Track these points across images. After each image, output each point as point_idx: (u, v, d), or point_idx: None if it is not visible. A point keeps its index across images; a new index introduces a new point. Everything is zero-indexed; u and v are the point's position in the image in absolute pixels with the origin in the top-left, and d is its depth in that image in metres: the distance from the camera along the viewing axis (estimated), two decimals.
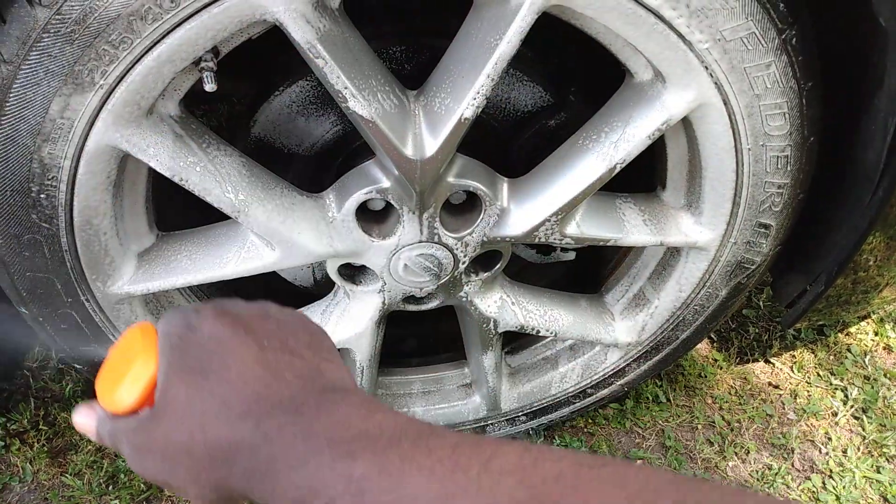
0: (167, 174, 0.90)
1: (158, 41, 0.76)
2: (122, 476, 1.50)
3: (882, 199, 1.06)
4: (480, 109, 0.89)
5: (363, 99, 0.85)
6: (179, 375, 0.49)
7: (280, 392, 0.47)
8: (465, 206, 1.08)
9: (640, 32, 0.85)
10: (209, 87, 0.82)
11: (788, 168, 1.02)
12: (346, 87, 0.83)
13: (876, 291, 1.31)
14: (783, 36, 0.87)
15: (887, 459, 1.61)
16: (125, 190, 0.97)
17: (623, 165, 1.01)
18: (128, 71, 0.78)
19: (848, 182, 1.11)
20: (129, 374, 0.52)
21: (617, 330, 1.36)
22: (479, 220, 1.06)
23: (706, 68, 0.88)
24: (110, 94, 0.79)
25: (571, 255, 1.40)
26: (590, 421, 1.70)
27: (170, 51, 0.77)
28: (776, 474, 1.57)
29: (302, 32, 0.78)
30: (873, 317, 1.98)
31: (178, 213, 1.11)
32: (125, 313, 1.09)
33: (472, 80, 0.86)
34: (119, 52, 0.76)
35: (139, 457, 0.50)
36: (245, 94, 1.09)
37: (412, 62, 1.08)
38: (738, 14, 0.84)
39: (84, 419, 0.56)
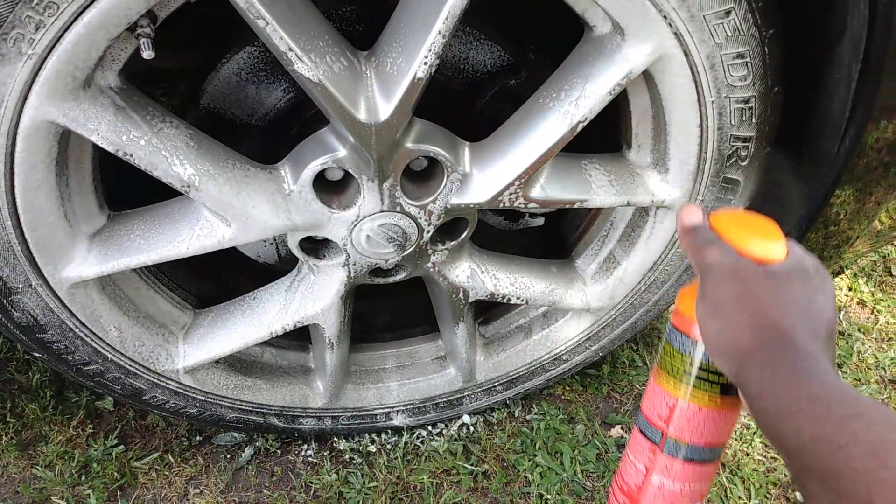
0: (110, 149, 0.87)
1: (88, 5, 0.72)
2: (95, 465, 1.47)
3: (848, 149, 1.05)
4: (434, 69, 0.86)
5: (310, 61, 0.82)
6: (798, 278, 0.63)
7: (819, 334, 0.61)
8: (426, 173, 1.05)
9: None
10: (146, 54, 0.78)
11: (753, 120, 1.00)
12: (290, 49, 0.79)
13: (847, 245, 1.30)
14: None
15: None
16: (70, 168, 0.94)
17: (585, 123, 0.98)
18: (58, 39, 0.74)
19: (814, 134, 1.10)
20: (773, 242, 0.65)
21: (589, 295, 1.34)
22: (441, 187, 1.03)
23: (665, 18, 0.86)
24: (41, 64, 0.75)
25: (540, 221, 1.38)
26: (567, 388, 1.69)
27: (100, 15, 0.73)
28: (753, 432, 1.57)
29: None
30: (847, 272, 1.98)
31: (130, 190, 1.07)
32: (80, 297, 1.06)
33: (423, 38, 0.83)
34: (45, 19, 0.71)
35: (733, 277, 0.62)
36: (191, 63, 1.05)
37: (362, 22, 1.05)
38: None
39: (693, 213, 0.70)
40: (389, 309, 1.57)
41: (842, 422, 0.53)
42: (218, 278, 1.34)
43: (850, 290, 1.95)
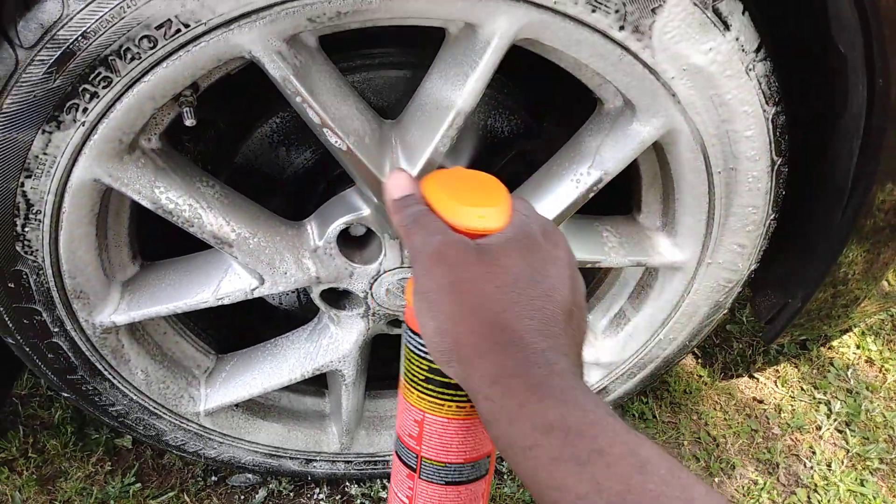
0: (150, 207, 0.92)
1: (138, 79, 0.78)
2: (112, 503, 1.51)
3: (853, 214, 1.09)
4: (454, 140, 0.91)
5: (340, 132, 0.87)
6: (519, 250, 0.53)
7: (553, 322, 0.51)
8: None
9: (608, 63, 0.87)
10: (189, 122, 0.84)
11: (759, 189, 1.05)
12: (322, 122, 0.85)
13: (856, 304, 1.33)
14: (746, 64, 0.89)
15: (871, 472, 1.62)
16: (109, 222, 0.99)
17: (598, 189, 1.03)
18: (109, 108, 0.80)
19: (820, 200, 1.14)
20: (490, 207, 0.56)
21: (599, 349, 1.38)
22: None
23: (673, 96, 0.91)
24: (92, 130, 0.81)
25: None
26: None
27: (149, 88, 0.79)
28: (762, 489, 1.58)
29: (278, 69, 0.80)
30: (855, 330, 2.00)
31: (161, 242, 1.12)
32: (111, 342, 1.11)
33: (440, 122, 0.89)
34: (99, 91, 0.78)
35: (439, 262, 0.51)
36: (227, 126, 1.11)
37: (390, 92, 1.11)
38: (703, 44, 0.86)
39: (400, 185, 0.59)
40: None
41: (582, 462, 0.43)
42: (241, 325, 1.39)
43: (858, 347, 1.97)
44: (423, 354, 0.59)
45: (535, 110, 1.19)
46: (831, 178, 1.09)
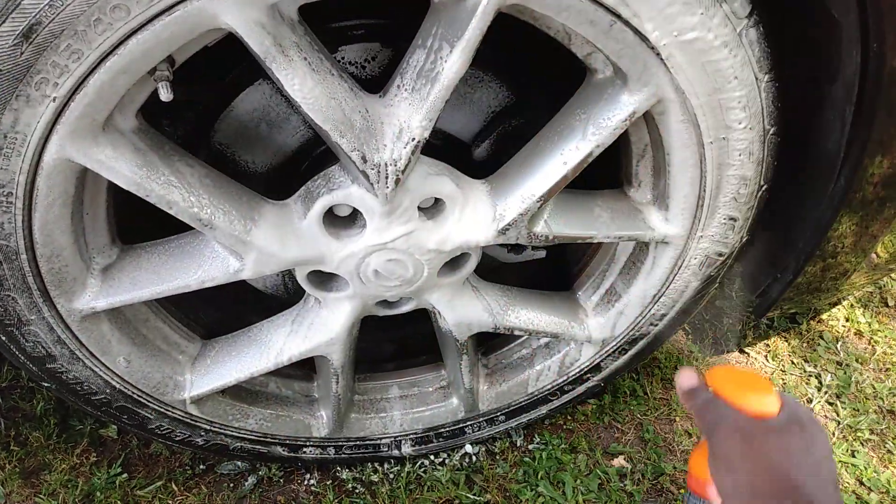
0: (128, 188, 0.89)
1: (110, 52, 0.75)
2: (98, 494, 1.48)
3: (844, 187, 1.08)
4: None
5: (324, 107, 0.84)
6: (797, 428, 0.68)
7: (827, 483, 0.67)
8: (432, 209, 1.07)
9: (598, 31, 0.85)
10: (165, 96, 0.80)
11: (750, 160, 1.03)
12: (303, 96, 0.82)
13: (845, 277, 1.33)
14: (739, 30, 0.87)
15: (861, 443, 1.63)
16: (85, 204, 0.96)
17: (588, 163, 1.01)
18: (81, 83, 0.76)
19: (811, 171, 1.13)
20: (767, 396, 0.71)
21: (591, 326, 1.36)
22: (447, 224, 1.06)
23: (664, 64, 0.88)
24: (64, 107, 0.78)
25: (542, 253, 1.40)
26: (569, 418, 1.71)
27: (122, 61, 0.76)
28: None
29: (258, 41, 0.77)
30: (844, 303, 2.00)
31: (141, 225, 1.09)
32: (90, 328, 1.08)
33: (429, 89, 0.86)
34: (69, 64, 0.74)
35: (734, 434, 0.68)
36: (205, 101, 1.08)
37: (373, 63, 1.08)
38: (695, 9, 0.84)
39: (688, 377, 0.77)
40: (393, 339, 1.58)
41: None
42: (225, 309, 1.36)
43: (847, 320, 1.97)
44: None
45: (521, 84, 1.16)
46: (823, 147, 1.08)
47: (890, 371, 1.83)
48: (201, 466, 1.58)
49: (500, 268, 1.45)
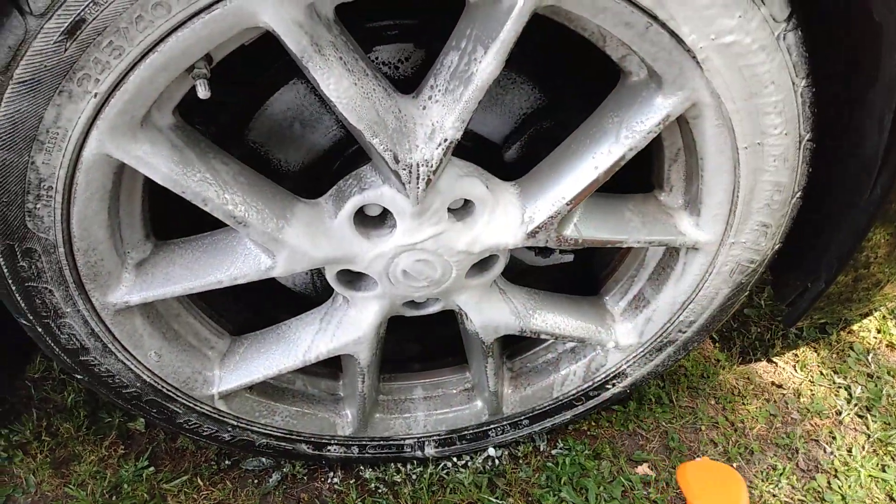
0: (165, 184, 0.90)
1: (150, 49, 0.76)
2: (126, 486, 1.50)
3: (881, 195, 1.06)
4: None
5: (358, 107, 0.85)
6: None
7: None
8: (462, 210, 1.07)
9: (634, 33, 0.84)
10: (203, 93, 0.82)
11: (785, 166, 1.02)
12: (338, 96, 0.83)
13: (877, 288, 1.30)
14: (777, 34, 0.86)
15: (892, 458, 1.60)
16: (122, 200, 0.97)
17: (620, 166, 1.01)
18: (121, 80, 0.78)
19: (846, 179, 1.11)
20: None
21: (618, 332, 1.36)
22: (477, 226, 1.06)
23: (700, 67, 0.88)
24: (104, 103, 0.79)
25: (570, 257, 1.40)
26: (593, 423, 1.70)
27: (163, 59, 0.77)
28: (780, 474, 1.56)
29: (295, 40, 0.78)
30: (876, 314, 1.97)
31: (176, 220, 1.10)
32: (124, 322, 1.09)
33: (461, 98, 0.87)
34: (111, 61, 0.76)
35: None
36: (240, 100, 1.09)
37: (406, 63, 1.08)
38: (733, 12, 0.83)
39: None
40: (420, 339, 1.59)
41: None
42: (256, 306, 1.38)
43: (879, 332, 1.94)
44: None
45: (554, 86, 1.16)
46: (860, 155, 1.06)
47: None
48: (226, 462, 1.59)
49: (529, 271, 1.45)
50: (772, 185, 1.04)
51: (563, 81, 1.17)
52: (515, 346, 1.52)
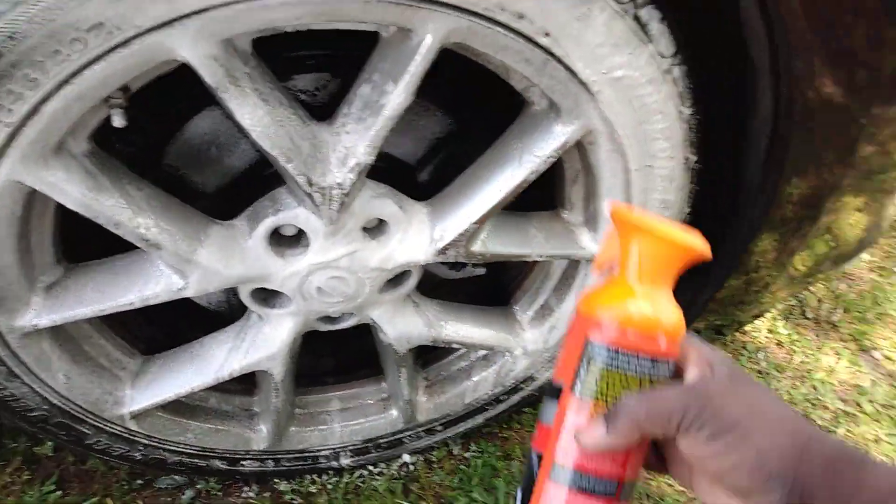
0: (77, 209, 0.90)
1: (66, 81, 0.76)
2: None
3: (762, 209, 1.16)
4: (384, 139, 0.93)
5: (272, 135, 0.88)
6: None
7: None
8: (376, 229, 1.11)
9: (533, 68, 0.91)
10: (119, 122, 0.82)
11: (672, 185, 1.11)
12: (252, 124, 0.85)
13: (766, 290, 1.42)
14: (664, 68, 0.95)
15: None
16: (33, 224, 0.96)
17: (523, 188, 1.07)
18: (35, 110, 0.78)
19: (732, 195, 1.21)
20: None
21: (526, 339, 1.42)
22: (390, 244, 1.10)
23: (594, 99, 0.95)
24: (17, 132, 0.79)
25: (482, 270, 1.46)
26: (504, 426, 1.76)
27: (78, 90, 0.77)
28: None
29: (210, 73, 0.80)
30: (767, 315, 2.12)
31: (86, 243, 1.09)
32: (31, 346, 1.08)
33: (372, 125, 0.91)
34: (25, 92, 0.76)
35: (735, 402, 0.56)
36: (158, 125, 1.09)
37: (323, 91, 1.11)
38: (623, 50, 0.91)
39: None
40: (335, 353, 1.61)
41: None
42: (170, 326, 1.37)
43: (769, 332, 2.09)
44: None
45: (464, 113, 1.22)
46: (743, 174, 1.16)
47: (805, 378, 1.96)
48: (139, 481, 1.57)
49: (443, 283, 1.50)
50: (660, 202, 1.13)
51: (472, 110, 1.22)
52: (429, 355, 1.57)
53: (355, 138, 0.93)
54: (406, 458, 1.68)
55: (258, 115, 0.86)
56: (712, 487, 0.58)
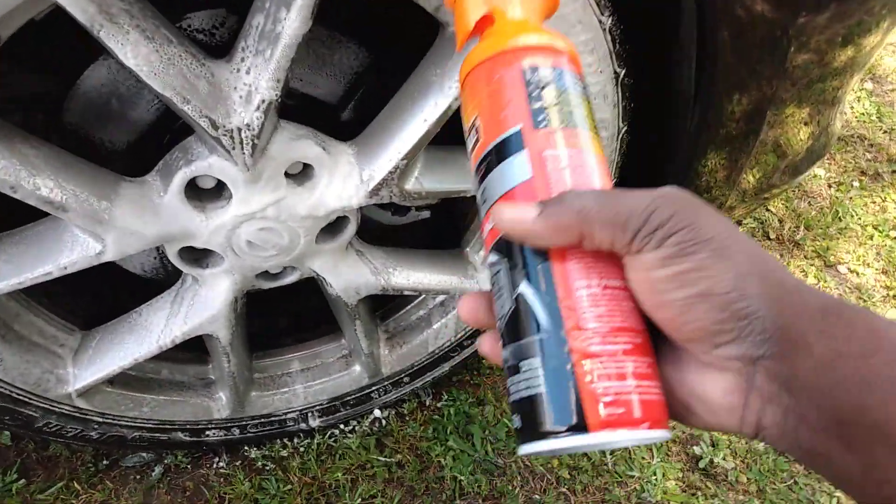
0: None
1: None
2: None
3: (698, 124, 1.12)
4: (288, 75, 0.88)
5: (163, 74, 0.82)
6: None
7: None
8: (301, 175, 1.06)
9: None
10: None
11: (606, 102, 1.06)
12: (137, 64, 0.80)
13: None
14: None
15: None
16: None
17: (448, 116, 1.02)
18: None
19: (670, 110, 1.17)
20: None
21: (480, 280, 1.39)
22: (317, 189, 1.05)
23: None
24: None
25: (426, 214, 1.42)
26: (475, 373, 1.74)
27: None
28: None
29: (81, 9, 0.74)
30: None
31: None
32: None
33: (273, 51, 0.85)
34: None
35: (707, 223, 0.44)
36: (51, 83, 1.03)
37: (222, 29, 1.05)
38: None
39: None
40: (288, 312, 1.57)
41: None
42: (102, 297, 1.32)
43: None
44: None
45: (380, 44, 1.16)
46: (677, 87, 1.11)
47: None
48: (104, 462, 1.54)
49: (391, 230, 1.46)
50: (595, 121, 1.08)
51: (389, 39, 1.16)
52: (387, 307, 1.53)
53: (256, 73, 0.88)
54: (377, 413, 1.66)
55: (143, 54, 0.80)
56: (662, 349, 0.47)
